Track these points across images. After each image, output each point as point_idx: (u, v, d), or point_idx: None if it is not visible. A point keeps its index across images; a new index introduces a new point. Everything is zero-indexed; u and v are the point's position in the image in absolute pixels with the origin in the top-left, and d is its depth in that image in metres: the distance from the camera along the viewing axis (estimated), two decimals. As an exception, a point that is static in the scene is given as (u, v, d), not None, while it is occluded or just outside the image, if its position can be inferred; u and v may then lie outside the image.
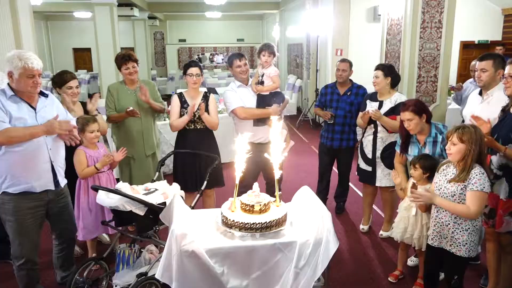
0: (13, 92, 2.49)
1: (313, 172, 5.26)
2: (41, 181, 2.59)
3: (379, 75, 3.67)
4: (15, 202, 2.55)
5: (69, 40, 17.50)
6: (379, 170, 3.78)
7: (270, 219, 2.18)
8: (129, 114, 3.60)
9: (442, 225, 2.53)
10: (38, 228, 2.69)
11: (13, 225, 2.58)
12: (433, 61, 4.96)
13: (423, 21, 4.85)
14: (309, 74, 10.37)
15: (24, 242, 2.63)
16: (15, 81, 2.46)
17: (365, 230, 4.09)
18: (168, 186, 3.04)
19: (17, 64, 2.42)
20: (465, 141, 2.37)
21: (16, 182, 2.51)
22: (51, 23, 17.39)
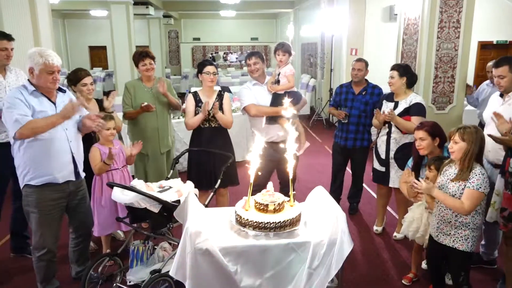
0: (34, 88, 2.57)
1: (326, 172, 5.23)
2: (63, 172, 2.66)
3: (394, 75, 3.63)
4: (38, 194, 2.62)
5: (85, 38, 17.73)
6: (392, 171, 3.74)
7: (284, 219, 2.17)
8: (144, 109, 3.64)
9: (445, 222, 2.59)
10: (59, 220, 2.77)
11: (36, 216, 2.65)
12: (451, 62, 4.89)
13: (440, 20, 4.79)
14: (323, 74, 10.31)
15: (46, 233, 2.69)
16: (35, 77, 2.55)
17: (379, 231, 4.05)
18: (182, 184, 3.05)
19: (38, 60, 2.51)
20: (466, 140, 2.45)
21: (39, 174, 2.58)
22: (68, 21, 17.63)
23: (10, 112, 2.47)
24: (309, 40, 12.38)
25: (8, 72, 3.22)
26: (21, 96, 2.50)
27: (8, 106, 2.48)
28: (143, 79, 3.85)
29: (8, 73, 3.22)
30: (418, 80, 4.97)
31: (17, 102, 2.48)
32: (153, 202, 2.69)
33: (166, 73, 15.66)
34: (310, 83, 11.12)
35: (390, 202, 4.12)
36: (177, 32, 18.64)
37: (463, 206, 2.44)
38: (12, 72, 3.26)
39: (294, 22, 14.37)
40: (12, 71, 3.26)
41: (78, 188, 2.82)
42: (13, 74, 3.26)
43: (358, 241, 3.88)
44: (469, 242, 2.54)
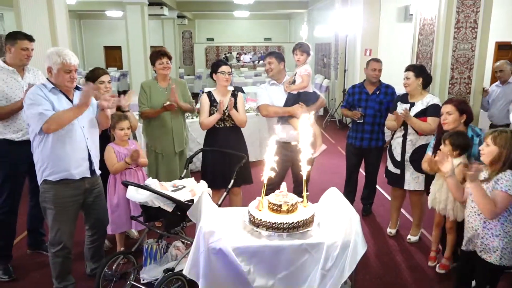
0: (53, 85, 2.65)
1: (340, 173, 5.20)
2: (79, 169, 2.71)
3: (410, 76, 3.59)
4: (55, 190, 2.67)
5: (100, 38, 17.95)
6: (408, 173, 3.70)
7: (297, 220, 2.17)
8: (167, 108, 3.69)
9: (472, 230, 2.47)
10: (75, 217, 2.82)
11: (53, 212, 2.70)
12: (467, 62, 4.82)
13: (457, 21, 4.72)
14: (337, 74, 10.26)
15: (62, 229, 2.74)
16: (53, 76, 2.63)
17: (392, 233, 4.02)
18: (196, 183, 3.06)
19: (56, 59, 2.59)
20: (498, 144, 2.34)
21: (56, 170, 2.64)
22: (83, 22, 17.88)
23: (33, 108, 2.54)
24: (323, 40, 12.32)
25: (27, 73, 3.29)
26: (41, 92, 2.59)
27: (31, 102, 2.55)
28: (159, 79, 3.88)
29: (26, 73, 3.28)
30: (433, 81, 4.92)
31: (39, 98, 2.55)
32: (167, 201, 2.70)
33: (180, 73, 15.76)
34: (323, 84, 11.07)
35: (404, 205, 4.08)
36: (190, 33, 18.74)
37: (493, 207, 2.28)
38: (30, 72, 3.33)
39: (307, 22, 14.33)
40: (30, 71, 3.33)
41: (93, 185, 2.86)
42: (31, 74, 3.32)
43: (371, 243, 3.84)
44: (497, 254, 2.35)
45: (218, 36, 18.80)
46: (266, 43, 18.91)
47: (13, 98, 3.13)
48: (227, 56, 18.66)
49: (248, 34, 18.81)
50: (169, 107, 3.68)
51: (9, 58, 3.18)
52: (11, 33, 3.21)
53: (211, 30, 18.78)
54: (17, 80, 3.19)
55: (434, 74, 4.87)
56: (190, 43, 18.86)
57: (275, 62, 3.70)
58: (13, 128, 3.17)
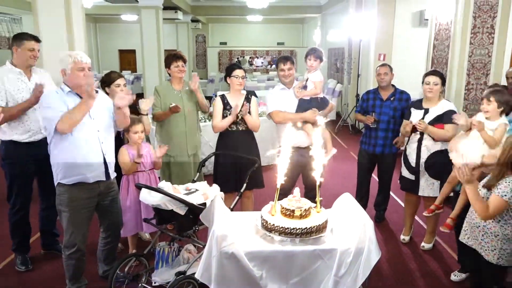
0: (70, 89, 2.67)
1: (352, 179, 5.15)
2: (94, 172, 2.73)
3: (438, 82, 3.52)
4: (70, 193, 2.70)
5: (115, 41, 18.20)
6: (422, 180, 3.65)
7: (310, 225, 2.15)
8: (173, 110, 3.69)
9: (473, 226, 2.53)
10: (88, 219, 2.84)
11: (68, 215, 2.73)
12: (484, 68, 4.75)
13: (474, 26, 4.66)
14: (350, 79, 10.21)
15: (76, 232, 2.76)
16: (68, 77, 2.65)
17: (406, 241, 3.96)
18: (208, 187, 3.07)
19: (68, 60, 2.63)
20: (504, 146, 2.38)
21: (71, 173, 2.66)
22: (99, 25, 18.14)
23: (47, 110, 2.58)
24: (336, 45, 12.28)
25: (34, 74, 3.30)
26: (58, 96, 2.62)
27: (46, 105, 2.59)
28: (173, 82, 3.90)
29: (34, 75, 3.29)
30: (449, 87, 4.87)
31: (55, 101, 2.59)
32: (180, 204, 2.71)
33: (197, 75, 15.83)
34: (336, 88, 11.02)
35: (418, 211, 4.02)
36: (204, 37, 18.87)
37: (486, 210, 2.33)
38: (38, 73, 3.34)
39: (321, 27, 14.31)
40: (38, 73, 3.34)
41: (108, 188, 2.88)
42: (38, 75, 3.33)
43: (385, 250, 3.79)
44: (495, 254, 2.42)
45: (231, 40, 18.89)
46: (279, 48, 18.93)
47: (20, 100, 3.13)
48: (239, 60, 18.73)
49: (261, 38, 18.86)
50: (174, 108, 3.67)
51: (16, 59, 3.18)
52: (17, 34, 3.23)
53: (225, 34, 18.88)
54: (24, 82, 3.20)
55: (450, 79, 4.81)
56: (203, 47, 18.98)
57: (293, 68, 3.68)
58: (20, 129, 3.19)
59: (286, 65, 3.65)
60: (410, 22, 8.26)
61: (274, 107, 3.65)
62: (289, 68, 3.65)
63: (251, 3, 11.88)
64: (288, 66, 3.65)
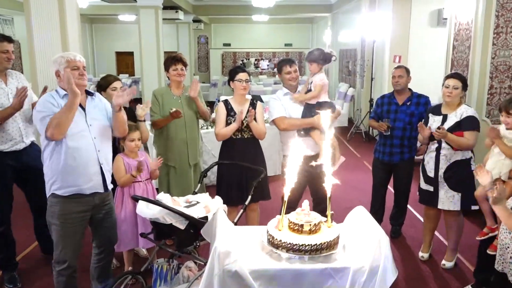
0: (65, 92, 2.67)
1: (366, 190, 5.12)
2: (90, 183, 2.73)
3: (459, 86, 3.49)
4: (63, 205, 2.70)
5: (112, 43, 18.36)
6: (442, 191, 3.62)
7: (320, 241, 2.12)
8: (174, 115, 3.69)
9: (503, 248, 2.48)
10: (81, 234, 2.83)
11: (58, 229, 2.72)
12: (508, 71, 4.72)
13: (496, 25, 4.64)
14: (363, 83, 10.20)
15: (67, 247, 2.76)
16: (63, 77, 2.64)
17: (425, 258, 3.92)
18: (210, 199, 3.05)
19: (61, 60, 2.65)
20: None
21: (66, 184, 2.67)
22: (95, 26, 18.33)
23: (40, 115, 2.59)
24: (348, 46, 12.30)
25: (10, 78, 3.32)
26: (52, 100, 2.64)
27: (39, 109, 2.61)
28: (172, 86, 3.91)
29: (10, 79, 3.32)
30: (470, 91, 4.84)
31: (49, 106, 2.60)
32: (180, 218, 2.69)
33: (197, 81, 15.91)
34: (348, 93, 11.02)
35: (438, 226, 3.98)
36: (206, 38, 18.98)
37: None
38: (13, 76, 3.37)
39: (331, 27, 14.35)
40: (13, 76, 3.37)
41: (104, 201, 2.87)
42: (14, 78, 3.36)
43: (402, 269, 3.75)
44: None
45: (236, 42, 18.97)
46: (287, 49, 18.98)
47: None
48: (244, 63, 18.80)
49: (267, 40, 18.91)
50: (175, 114, 3.67)
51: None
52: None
53: (228, 35, 18.98)
54: (1, 87, 3.25)
55: (471, 83, 4.78)
56: (205, 49, 19.08)
57: (298, 71, 3.70)
58: (1, 138, 3.22)
59: (292, 67, 3.67)
60: (428, 22, 8.26)
61: (278, 113, 3.64)
62: (295, 70, 3.68)
63: (257, 2, 11.95)
64: (295, 68, 3.68)
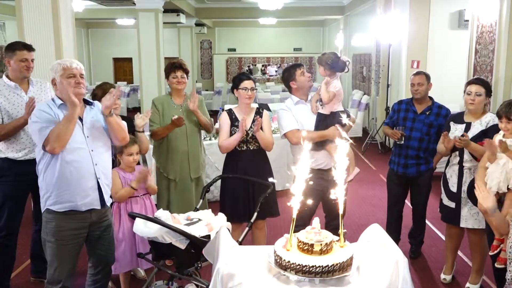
0: (62, 101, 2.72)
1: (382, 206, 5.10)
2: (86, 199, 2.74)
3: (482, 92, 3.48)
4: (58, 221, 2.71)
5: (109, 49, 18.55)
6: (465, 208, 3.58)
7: (332, 262, 2.11)
8: (175, 123, 3.70)
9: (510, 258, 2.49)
10: (77, 253, 2.84)
11: (53, 246, 2.73)
12: (535, 76, 4.70)
13: (522, 27, 4.64)
14: (378, 90, 10.19)
15: (62, 266, 2.76)
16: (59, 87, 2.71)
17: (447, 280, 3.87)
18: (213, 216, 3.05)
19: (57, 68, 2.70)
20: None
21: (61, 200, 2.69)
22: (92, 31, 18.54)
23: (36, 125, 2.63)
24: (362, 50, 12.33)
25: (31, 86, 3.45)
26: (48, 109, 2.68)
27: (35, 120, 2.64)
28: (173, 95, 3.94)
29: (31, 87, 3.44)
30: (495, 98, 4.82)
31: (45, 115, 2.64)
32: (180, 237, 2.70)
33: (197, 88, 16.03)
34: (362, 101, 11.01)
35: (461, 245, 3.94)
36: (210, 42, 19.11)
37: None
38: (37, 85, 3.49)
39: (344, 30, 14.41)
40: (37, 84, 3.49)
41: (101, 218, 2.87)
42: (37, 87, 3.48)
43: (422, 292, 3.72)
44: None
45: (241, 46, 19.08)
46: (296, 54, 19.06)
47: (16, 116, 3.30)
48: (251, 69, 18.90)
49: (275, 44, 18.99)
50: (177, 121, 3.67)
51: (10, 71, 3.36)
52: (9, 45, 3.39)
53: (233, 40, 19.10)
54: (21, 96, 3.36)
55: (496, 89, 4.77)
56: (209, 54, 19.21)
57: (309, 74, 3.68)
58: (15, 146, 3.33)
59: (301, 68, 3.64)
60: (448, 24, 8.26)
61: (290, 125, 3.58)
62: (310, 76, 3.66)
63: (264, 4, 12.04)
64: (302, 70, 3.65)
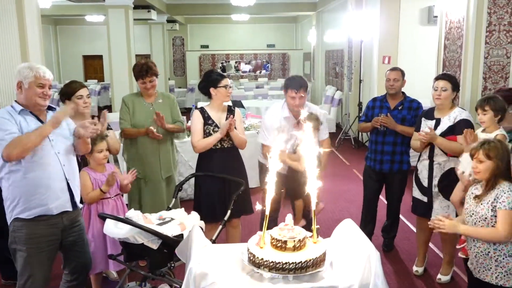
0: (22, 107, 2.64)
1: (356, 201, 5.16)
2: (58, 201, 2.69)
3: (447, 87, 3.54)
4: (28, 229, 2.63)
5: (79, 46, 18.21)
6: (436, 202, 3.66)
7: (306, 258, 2.13)
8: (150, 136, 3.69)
9: (483, 255, 2.56)
10: (51, 260, 2.77)
11: (25, 255, 2.66)
12: (502, 71, 4.82)
13: (489, 23, 4.74)
14: (351, 86, 10.31)
15: (35, 276, 2.68)
16: (24, 92, 2.62)
17: (420, 272, 3.95)
18: (186, 215, 3.04)
19: (28, 74, 2.60)
20: (492, 158, 2.48)
21: (31, 205, 2.61)
22: (60, 28, 18.16)
23: None
24: (334, 46, 12.44)
25: None
26: (8, 116, 2.58)
27: None
28: (144, 94, 3.89)
29: None
30: (463, 93, 4.93)
31: (4, 122, 2.54)
32: (152, 237, 2.68)
33: (170, 85, 15.89)
34: (335, 96, 11.12)
35: (432, 238, 4.02)
36: (182, 39, 18.99)
37: (497, 233, 2.44)
38: None
39: (316, 26, 14.51)
40: None
41: (73, 222, 2.82)
42: None
43: (395, 285, 3.79)
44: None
45: (214, 43, 19.02)
46: (269, 50, 19.10)
47: None
48: (224, 66, 18.84)
49: (248, 41, 19.01)
50: (151, 133, 3.66)
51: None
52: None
53: (206, 36, 19.01)
54: None
55: (464, 84, 4.87)
56: (181, 51, 19.07)
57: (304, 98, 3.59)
58: None
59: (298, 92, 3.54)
60: (418, 20, 8.40)
61: (267, 139, 3.66)
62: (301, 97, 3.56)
63: (236, 1, 12.01)
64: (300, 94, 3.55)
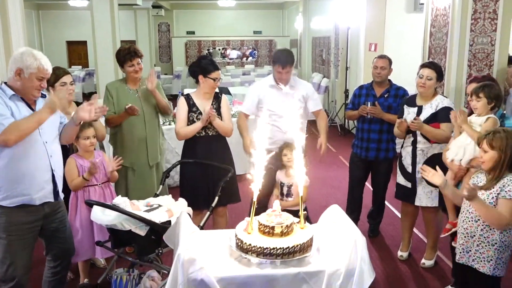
0: (13, 92, 2.58)
1: (342, 188, 5.20)
2: (41, 192, 2.66)
3: (432, 76, 3.56)
4: (9, 217, 2.61)
5: (62, 32, 17.92)
6: (419, 187, 3.71)
7: (293, 244, 2.15)
8: (129, 112, 3.63)
9: (467, 236, 2.61)
10: (31, 247, 2.75)
11: (5, 243, 2.64)
12: (487, 59, 4.88)
13: (474, 11, 4.78)
14: (338, 73, 10.33)
15: (16, 263, 2.67)
16: (22, 81, 2.55)
17: (404, 257, 4.01)
18: (174, 201, 3.05)
19: (32, 63, 2.52)
20: (496, 148, 2.46)
21: (13, 194, 2.58)
22: (43, 13, 17.83)
23: None
24: (321, 33, 12.43)
25: None
26: None
27: None
28: (128, 81, 3.84)
29: None
30: (448, 80, 4.98)
31: None
32: (139, 224, 2.68)
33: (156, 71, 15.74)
34: (322, 84, 11.14)
35: (417, 223, 4.08)
36: (168, 25, 18.78)
37: (505, 218, 2.42)
38: None
39: (303, 13, 14.46)
40: None
41: (55, 210, 2.80)
42: None
43: (380, 269, 3.83)
44: (491, 265, 2.53)
45: (200, 29, 18.86)
46: (256, 37, 19.02)
47: None
48: (210, 52, 18.70)
49: (234, 27, 18.89)
50: (130, 110, 3.60)
51: None
52: None
53: (192, 22, 18.83)
54: None
55: (449, 71, 4.93)
56: (167, 37, 18.88)
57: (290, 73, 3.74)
58: None
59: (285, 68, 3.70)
60: (404, 7, 8.43)
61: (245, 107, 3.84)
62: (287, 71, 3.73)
63: (222, -14, 11.92)
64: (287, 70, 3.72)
